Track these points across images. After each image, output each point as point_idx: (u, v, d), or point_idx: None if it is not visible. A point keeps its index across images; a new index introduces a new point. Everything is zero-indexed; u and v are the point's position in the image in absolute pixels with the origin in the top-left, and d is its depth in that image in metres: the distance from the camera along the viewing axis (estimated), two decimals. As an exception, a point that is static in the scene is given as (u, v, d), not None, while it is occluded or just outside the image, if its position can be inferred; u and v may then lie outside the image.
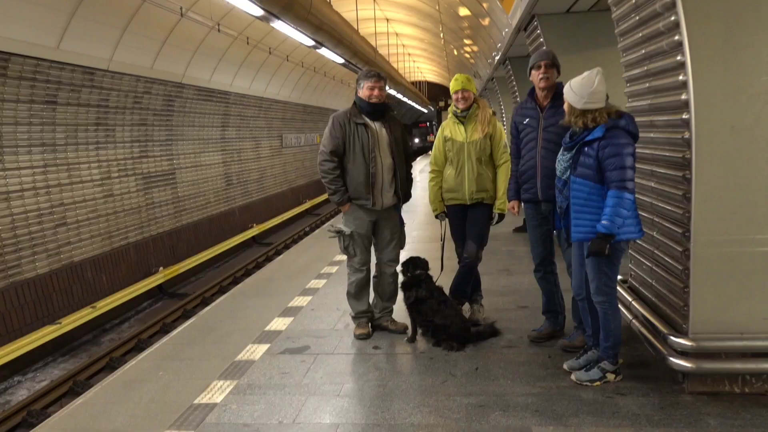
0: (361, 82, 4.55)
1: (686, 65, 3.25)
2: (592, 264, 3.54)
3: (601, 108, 3.44)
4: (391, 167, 4.61)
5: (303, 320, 5.24)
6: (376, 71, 4.60)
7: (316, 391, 3.81)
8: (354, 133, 4.51)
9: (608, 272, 3.55)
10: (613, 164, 3.34)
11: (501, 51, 11.13)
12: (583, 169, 3.46)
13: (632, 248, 4.39)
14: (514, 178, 4.46)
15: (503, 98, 16.24)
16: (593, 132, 3.43)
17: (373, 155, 4.50)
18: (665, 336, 3.55)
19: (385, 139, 4.58)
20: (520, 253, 7.59)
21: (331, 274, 6.88)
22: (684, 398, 3.45)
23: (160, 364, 4.42)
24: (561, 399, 3.51)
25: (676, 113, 3.43)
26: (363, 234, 4.69)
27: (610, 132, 3.39)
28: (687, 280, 3.42)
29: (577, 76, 3.49)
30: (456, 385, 3.78)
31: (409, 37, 28.88)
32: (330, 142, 4.53)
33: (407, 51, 33.45)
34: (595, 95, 3.41)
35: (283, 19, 7.86)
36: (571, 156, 3.54)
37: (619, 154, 3.34)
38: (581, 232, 3.50)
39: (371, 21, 21.66)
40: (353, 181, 4.56)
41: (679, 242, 3.50)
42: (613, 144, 3.36)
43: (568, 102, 3.49)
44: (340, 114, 4.60)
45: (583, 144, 3.47)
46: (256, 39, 15.06)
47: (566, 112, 3.55)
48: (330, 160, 4.53)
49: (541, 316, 4.59)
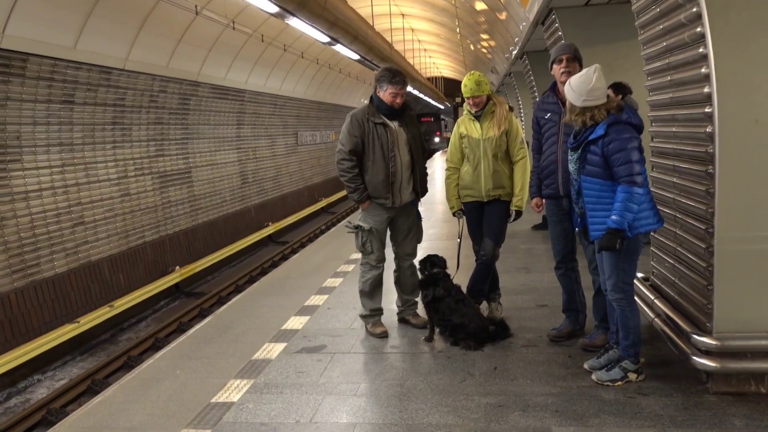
0: (384, 85, 4.49)
1: (709, 57, 3.20)
2: (608, 260, 3.52)
3: (600, 105, 3.42)
4: (410, 165, 4.63)
5: (319, 319, 5.26)
6: (401, 76, 4.50)
7: (333, 391, 3.82)
8: (373, 132, 4.51)
9: (626, 268, 3.53)
10: (619, 160, 3.33)
11: (518, 45, 11.06)
12: (591, 167, 3.45)
13: (654, 245, 4.35)
14: (535, 174, 4.44)
15: (521, 93, 16.16)
16: (595, 130, 3.42)
17: (392, 154, 4.51)
18: (688, 335, 3.51)
19: (403, 137, 4.59)
20: (538, 251, 7.54)
21: (348, 273, 6.90)
22: (708, 399, 3.40)
23: (177, 362, 4.47)
24: (581, 399, 3.49)
25: (699, 107, 3.38)
26: (381, 230, 4.71)
27: (613, 127, 3.38)
28: (710, 278, 3.38)
29: (575, 75, 3.48)
30: (474, 385, 3.77)
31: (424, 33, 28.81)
32: (349, 141, 4.53)
33: (423, 46, 33.37)
34: (594, 92, 3.39)
35: (298, 16, 7.89)
36: (578, 156, 3.53)
37: (625, 149, 3.32)
38: (598, 230, 3.48)
39: (386, 16, 21.63)
40: (373, 180, 4.57)
41: (703, 239, 3.45)
42: (617, 139, 3.34)
43: (568, 100, 3.48)
44: (358, 112, 4.59)
45: (588, 143, 3.45)
46: (271, 36, 15.12)
47: (567, 111, 3.54)
48: (349, 159, 4.53)
49: (561, 315, 4.56)
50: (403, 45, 28.08)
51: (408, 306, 4.91)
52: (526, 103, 15.12)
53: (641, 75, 4.26)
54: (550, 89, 4.29)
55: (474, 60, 26.01)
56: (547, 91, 4.34)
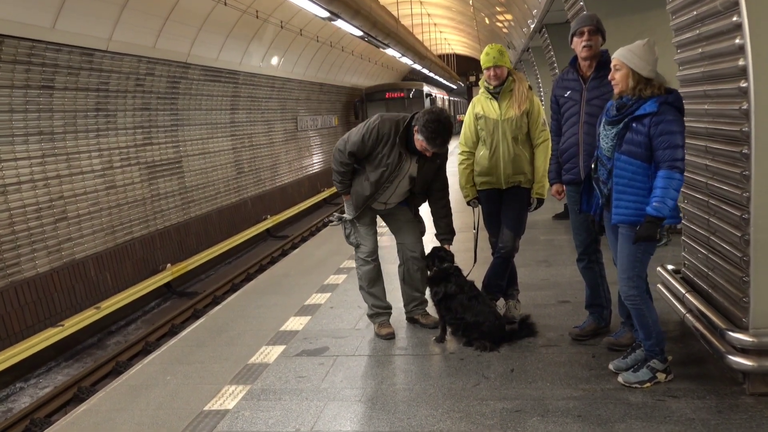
0: (422, 137, 4.29)
1: (743, 27, 3.16)
2: (628, 251, 3.52)
3: (653, 80, 3.43)
4: (404, 195, 4.74)
5: (321, 319, 5.28)
6: (443, 138, 4.27)
7: (336, 396, 3.84)
8: (386, 153, 4.45)
9: (644, 261, 3.55)
10: (665, 142, 3.32)
11: (537, 18, 11.00)
12: (629, 146, 3.43)
13: (686, 234, 4.33)
14: (554, 158, 4.41)
15: (540, 70, 16.07)
16: (644, 106, 3.39)
17: (387, 185, 4.55)
18: (723, 331, 3.49)
19: (414, 169, 4.57)
20: (560, 242, 7.53)
21: (352, 269, 6.91)
22: (744, 400, 3.39)
23: (168, 368, 4.50)
24: (606, 403, 3.49)
25: (733, 81, 3.35)
26: (366, 222, 4.75)
27: (666, 107, 3.38)
28: (746, 269, 3.36)
29: (631, 44, 3.44)
30: (489, 389, 3.78)
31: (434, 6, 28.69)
32: (356, 145, 4.48)
33: (433, 21, 33.23)
34: (656, 64, 3.42)
35: (293, -11, 7.87)
36: (617, 131, 3.49)
37: (672, 132, 3.32)
38: (622, 214, 3.48)
39: (392, -12, 21.56)
40: (356, 189, 4.65)
41: (738, 227, 3.43)
42: (666, 120, 3.34)
43: (630, 69, 3.41)
44: (387, 125, 4.44)
45: (633, 119, 3.42)
46: (266, 12, 15.10)
47: (621, 81, 3.46)
48: (347, 157, 4.55)
49: (584, 312, 4.55)
50: (411, 19, 27.97)
51: (416, 305, 4.92)
52: (546, 80, 15.02)
53: (671, 48, 4.23)
54: (570, 65, 4.26)
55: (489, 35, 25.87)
56: (567, 66, 4.31)
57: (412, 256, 4.81)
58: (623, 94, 3.48)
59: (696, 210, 4.07)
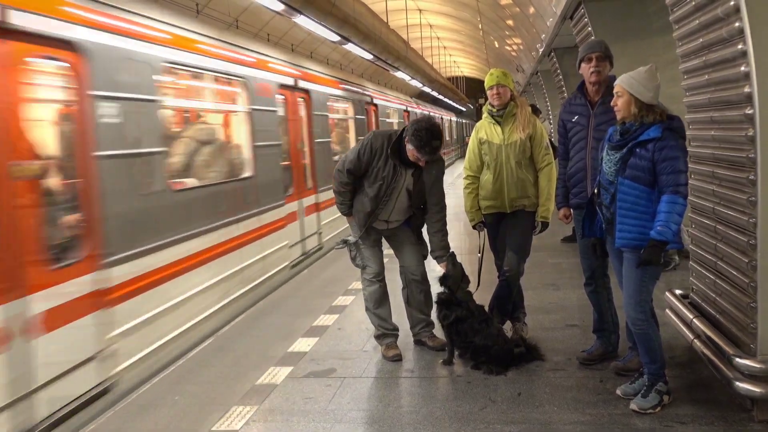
0: (412, 146, 4.39)
1: (748, 54, 3.22)
2: (634, 276, 3.55)
3: (655, 107, 3.50)
4: (406, 212, 4.79)
5: (329, 340, 5.31)
6: (432, 146, 4.37)
7: (343, 418, 3.86)
8: (381, 167, 4.55)
9: (650, 286, 3.58)
10: (669, 167, 3.37)
11: (545, 42, 11.12)
12: (633, 171, 3.47)
13: (693, 259, 4.35)
14: (561, 182, 4.46)
15: (549, 93, 16.19)
16: (648, 131, 3.44)
17: (386, 199, 4.62)
18: (730, 357, 3.50)
19: (410, 182, 4.64)
20: (568, 265, 7.53)
21: (360, 290, 6.92)
22: (753, 427, 3.39)
23: (175, 387, 4.52)
24: (613, 428, 3.48)
25: (739, 108, 3.40)
26: (370, 244, 4.83)
27: (669, 132, 3.44)
28: (754, 295, 3.37)
29: (633, 71, 3.51)
30: (496, 412, 3.78)
31: (444, 29, 29.00)
32: (352, 162, 4.61)
33: (442, 44, 33.57)
34: (658, 90, 3.48)
35: (305, 14, 8.01)
36: (621, 156, 3.54)
37: (676, 157, 3.37)
38: (626, 237, 3.51)
39: (402, 12, 21.82)
40: (357, 207, 4.75)
41: (745, 252, 3.46)
42: (670, 146, 3.39)
43: (631, 95, 3.48)
44: (379, 139, 4.57)
45: (636, 144, 3.48)
46: (277, 36, 15.31)
47: (624, 108, 3.53)
48: (345, 177, 4.66)
49: (592, 336, 4.55)
50: (421, 42, 28.23)
51: (423, 326, 4.94)
52: (555, 104, 15.14)
53: (677, 72, 4.29)
54: (578, 89, 4.32)
55: (498, 58, 26.09)
56: (575, 92, 4.37)
57: (414, 279, 4.85)
58: (626, 120, 3.54)
59: (703, 235, 4.10)
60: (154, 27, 5.43)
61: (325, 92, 10.29)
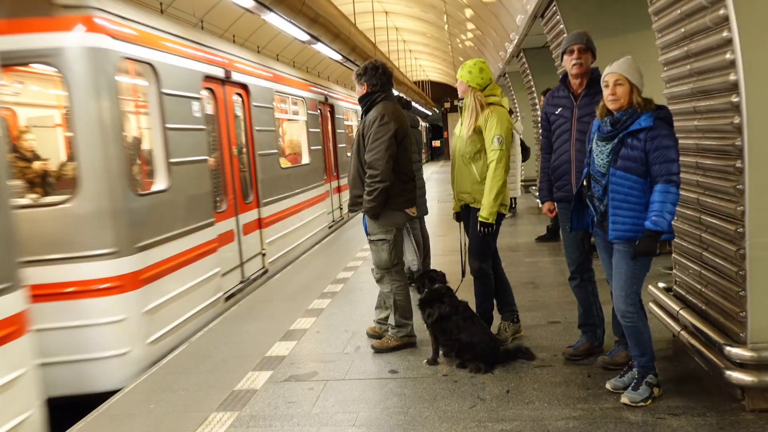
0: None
1: (734, 41, 3.22)
2: (624, 268, 3.52)
3: None
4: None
5: (308, 344, 5.18)
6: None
7: (329, 421, 3.75)
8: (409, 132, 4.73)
9: (641, 277, 3.56)
10: (661, 157, 3.35)
11: (514, 42, 11.16)
12: (625, 161, 3.44)
13: (676, 251, 4.35)
14: (546, 176, 4.42)
15: (517, 95, 16.28)
16: (639, 121, 3.41)
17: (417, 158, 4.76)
18: (720, 347, 3.49)
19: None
20: (545, 264, 7.54)
21: (336, 293, 6.83)
22: (745, 416, 3.38)
23: (151, 396, 4.35)
24: (606, 422, 3.45)
25: (724, 96, 3.40)
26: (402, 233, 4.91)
27: (660, 122, 3.42)
28: (743, 284, 3.37)
29: (621, 59, 3.49)
30: (486, 410, 3.72)
31: (410, 32, 29.03)
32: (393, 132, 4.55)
33: (408, 47, 33.60)
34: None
35: (275, 11, 7.88)
36: (612, 147, 3.50)
37: (667, 146, 3.36)
38: (619, 230, 3.48)
39: (369, 14, 21.77)
40: (398, 184, 4.66)
41: (732, 241, 3.45)
42: (662, 135, 3.38)
43: (632, 83, 3.45)
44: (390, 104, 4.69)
45: (628, 134, 3.44)
46: (243, 37, 15.11)
47: (624, 96, 3.46)
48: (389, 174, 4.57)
49: (576, 332, 4.53)
50: (388, 46, 28.21)
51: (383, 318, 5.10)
52: (523, 105, 15.21)
53: (652, 69, 4.27)
54: (561, 82, 4.30)
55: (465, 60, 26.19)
56: (559, 84, 4.34)
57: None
58: (621, 109, 3.49)
59: (687, 226, 4.10)
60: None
61: (272, 88, 8.91)
